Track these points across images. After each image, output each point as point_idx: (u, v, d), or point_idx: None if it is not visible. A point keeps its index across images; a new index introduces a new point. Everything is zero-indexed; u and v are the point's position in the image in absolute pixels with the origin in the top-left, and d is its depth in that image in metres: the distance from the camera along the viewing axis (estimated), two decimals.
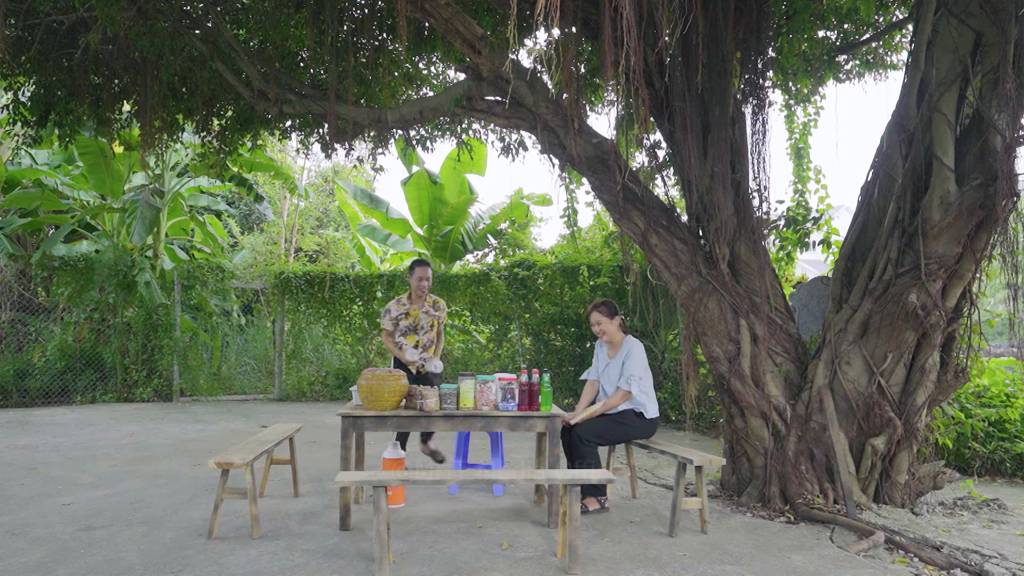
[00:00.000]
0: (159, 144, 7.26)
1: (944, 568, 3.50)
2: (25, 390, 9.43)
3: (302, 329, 11.52)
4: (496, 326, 11.18)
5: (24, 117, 6.84)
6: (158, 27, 5.60)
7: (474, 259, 14.51)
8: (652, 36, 5.03)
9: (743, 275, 4.99)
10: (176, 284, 10.43)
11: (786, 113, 7.70)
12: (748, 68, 5.38)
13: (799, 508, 4.43)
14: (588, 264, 9.89)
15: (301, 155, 9.55)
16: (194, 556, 3.50)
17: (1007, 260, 4.46)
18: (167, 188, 11.28)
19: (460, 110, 5.44)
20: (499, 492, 4.93)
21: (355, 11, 6.39)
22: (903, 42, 6.87)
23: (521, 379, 4.13)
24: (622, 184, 5.00)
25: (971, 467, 5.92)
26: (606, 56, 3.82)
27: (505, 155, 7.72)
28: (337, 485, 3.37)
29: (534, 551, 3.66)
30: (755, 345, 4.81)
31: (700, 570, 3.44)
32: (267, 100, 5.89)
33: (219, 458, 3.79)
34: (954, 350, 4.63)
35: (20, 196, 10.67)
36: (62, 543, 3.69)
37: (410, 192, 12.59)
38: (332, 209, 20.85)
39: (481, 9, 6.26)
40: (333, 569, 3.35)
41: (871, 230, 4.84)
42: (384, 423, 4.02)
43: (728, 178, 4.95)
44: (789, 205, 6.98)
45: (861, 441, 4.60)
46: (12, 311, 9.87)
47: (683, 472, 4.14)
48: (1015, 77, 4.17)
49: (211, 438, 7.15)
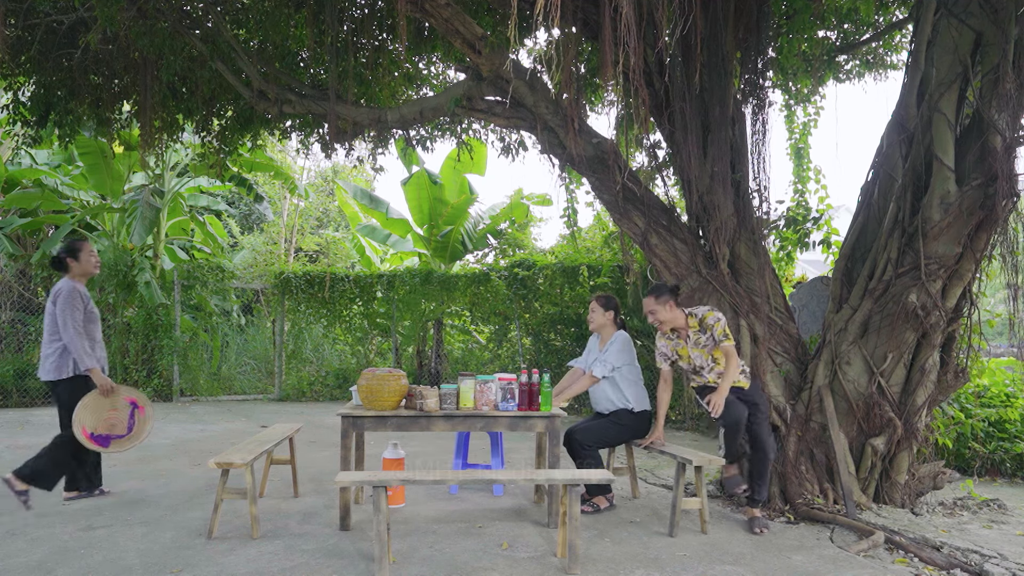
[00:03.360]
0: (159, 144, 7.25)
1: (944, 568, 3.50)
2: (25, 390, 9.43)
3: (302, 329, 11.53)
4: (496, 326, 11.17)
5: (24, 117, 6.83)
6: (158, 27, 5.60)
7: (474, 259, 14.51)
8: (652, 36, 5.03)
9: (743, 275, 4.99)
10: (176, 284, 10.43)
11: (786, 113, 7.70)
12: (748, 68, 5.38)
13: (799, 508, 4.43)
14: (588, 264, 9.89)
15: (301, 155, 9.58)
16: (194, 556, 3.50)
17: (1007, 260, 4.46)
18: (167, 188, 11.28)
19: (460, 110, 5.44)
20: (499, 492, 4.93)
21: (355, 11, 6.39)
22: (903, 42, 6.87)
23: (521, 379, 4.13)
24: (622, 184, 5.00)
25: (971, 467, 5.92)
26: (606, 56, 3.82)
27: (505, 155, 7.72)
28: (337, 485, 3.37)
29: (534, 551, 3.66)
30: (755, 345, 4.81)
31: (700, 570, 3.44)
32: (267, 100, 5.89)
33: (219, 458, 3.79)
34: (954, 350, 4.62)
35: (20, 196, 10.67)
36: (62, 543, 3.69)
37: (410, 192, 12.58)
38: (332, 209, 20.85)
39: (481, 9, 6.26)
40: (333, 569, 3.34)
41: (871, 230, 4.83)
42: (384, 423, 4.02)
43: (728, 178, 4.95)
44: (789, 205, 6.97)
45: (861, 441, 4.60)
46: (12, 311, 9.87)
47: (683, 472, 4.14)
48: (1015, 77, 4.17)
49: (211, 438, 7.15)
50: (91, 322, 4.55)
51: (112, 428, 4.52)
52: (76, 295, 4.46)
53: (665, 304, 4.24)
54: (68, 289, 4.46)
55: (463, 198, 12.52)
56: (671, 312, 4.26)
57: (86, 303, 4.53)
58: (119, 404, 4.56)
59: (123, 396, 4.59)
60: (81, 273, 4.60)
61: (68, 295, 4.43)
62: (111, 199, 11.01)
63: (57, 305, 4.44)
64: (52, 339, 4.47)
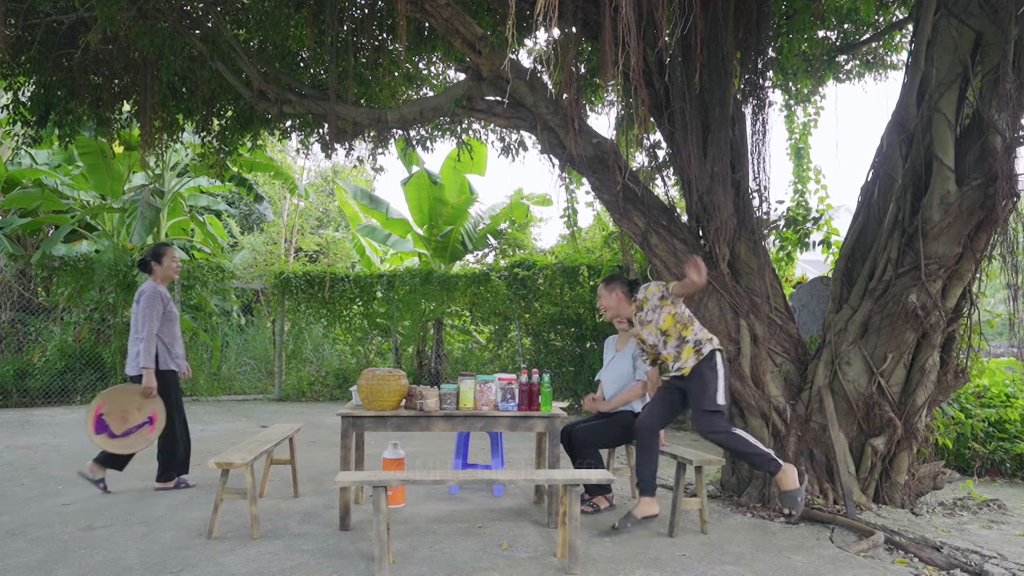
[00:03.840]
0: (159, 144, 7.26)
1: (944, 568, 3.50)
2: (25, 390, 9.43)
3: (302, 329, 11.53)
4: (496, 326, 11.18)
5: (24, 117, 6.83)
6: (158, 27, 5.60)
7: (474, 259, 14.51)
8: (652, 36, 5.03)
9: (743, 275, 4.99)
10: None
11: (786, 113, 7.70)
12: (748, 68, 5.38)
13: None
14: (588, 264, 9.89)
15: (301, 155, 9.58)
16: (194, 556, 3.50)
17: (1007, 260, 4.46)
18: (167, 188, 11.29)
19: (460, 110, 5.44)
20: (499, 492, 4.93)
21: (355, 11, 6.39)
22: (903, 42, 6.87)
23: (521, 379, 4.13)
24: (622, 184, 5.00)
25: (971, 467, 5.92)
26: (606, 56, 3.82)
27: (505, 155, 7.71)
28: (337, 485, 3.37)
29: (534, 551, 3.66)
30: (755, 345, 4.81)
31: (700, 570, 3.44)
32: (267, 100, 5.89)
33: (219, 458, 3.79)
34: (954, 350, 4.62)
35: (20, 196, 10.67)
36: (62, 543, 3.69)
37: (410, 192, 12.58)
38: (332, 209, 20.85)
39: (481, 9, 6.26)
40: (333, 569, 3.34)
41: (871, 230, 4.84)
42: (384, 423, 4.02)
43: (728, 178, 4.95)
44: (789, 205, 6.97)
45: (861, 441, 4.60)
46: (12, 311, 9.87)
47: (682, 472, 4.14)
48: (1015, 77, 4.17)
49: (211, 438, 7.15)
50: (170, 321, 4.86)
51: (117, 424, 4.62)
52: (157, 297, 4.78)
53: (612, 292, 4.16)
54: (150, 291, 4.79)
55: (463, 198, 12.52)
56: (616, 301, 4.15)
57: (166, 304, 4.85)
58: (143, 410, 4.69)
59: (151, 408, 4.72)
60: (162, 276, 4.93)
61: (150, 297, 4.76)
62: (111, 199, 11.02)
63: (140, 305, 4.76)
64: (136, 337, 4.75)
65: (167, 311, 4.85)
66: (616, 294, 4.18)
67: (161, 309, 4.78)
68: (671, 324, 3.99)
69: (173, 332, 4.90)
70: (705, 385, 3.87)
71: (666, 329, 4.01)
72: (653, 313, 4.03)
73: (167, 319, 4.84)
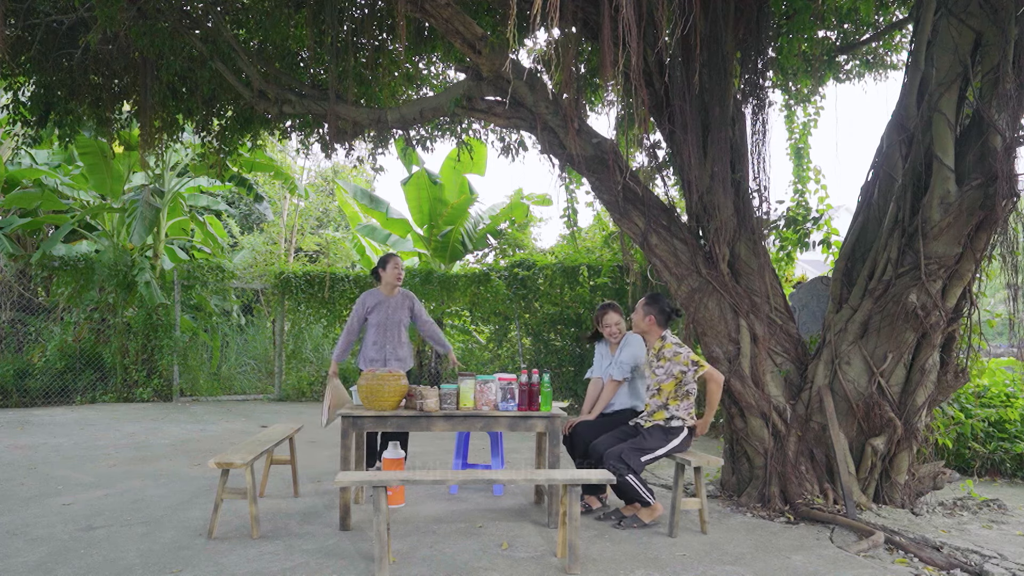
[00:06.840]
0: (159, 144, 7.26)
1: (944, 568, 3.50)
2: (25, 390, 9.43)
3: (302, 329, 11.52)
4: (496, 326, 11.18)
5: (24, 117, 6.83)
6: (158, 27, 5.60)
7: (474, 259, 14.50)
8: (652, 36, 5.03)
9: (743, 275, 4.99)
10: (176, 284, 10.43)
11: (786, 113, 7.70)
12: (748, 68, 5.38)
13: (799, 508, 4.43)
14: (588, 264, 9.89)
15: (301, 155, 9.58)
16: (194, 556, 3.50)
17: (1007, 260, 4.46)
18: (167, 188, 11.28)
19: (460, 110, 5.44)
20: (499, 492, 4.93)
21: (355, 11, 6.39)
22: (903, 42, 6.87)
23: (521, 379, 4.13)
24: (622, 184, 5.00)
25: (971, 467, 5.92)
26: (606, 56, 3.82)
27: (505, 155, 7.71)
28: (337, 485, 3.37)
29: (534, 551, 3.66)
30: (755, 345, 4.81)
31: (700, 570, 3.44)
32: (267, 100, 5.89)
33: (219, 458, 3.79)
34: (954, 350, 4.62)
35: (20, 196, 10.67)
36: (62, 543, 3.69)
37: (410, 192, 12.58)
38: (332, 209, 20.84)
39: (481, 9, 6.26)
40: (333, 569, 3.35)
41: (871, 230, 4.83)
42: (384, 423, 4.02)
43: (728, 178, 4.95)
44: (789, 205, 6.97)
45: (861, 441, 4.60)
46: (12, 311, 9.87)
47: (682, 472, 4.14)
48: (1015, 77, 4.17)
49: (211, 438, 7.15)
50: (373, 325, 5.14)
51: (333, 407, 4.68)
52: (360, 302, 5.18)
53: (647, 316, 4.29)
54: (361, 296, 5.22)
55: (463, 198, 12.51)
56: (647, 325, 4.30)
57: (369, 310, 5.15)
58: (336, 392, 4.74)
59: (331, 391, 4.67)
60: (384, 283, 5.20)
61: (358, 301, 5.20)
62: (111, 199, 11.01)
63: None
64: None
65: (370, 315, 5.12)
66: (650, 320, 4.29)
67: (362, 313, 5.14)
68: (669, 391, 4.19)
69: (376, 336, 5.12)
70: (652, 439, 4.13)
71: (662, 389, 4.20)
72: (663, 370, 4.19)
73: (371, 323, 5.12)
